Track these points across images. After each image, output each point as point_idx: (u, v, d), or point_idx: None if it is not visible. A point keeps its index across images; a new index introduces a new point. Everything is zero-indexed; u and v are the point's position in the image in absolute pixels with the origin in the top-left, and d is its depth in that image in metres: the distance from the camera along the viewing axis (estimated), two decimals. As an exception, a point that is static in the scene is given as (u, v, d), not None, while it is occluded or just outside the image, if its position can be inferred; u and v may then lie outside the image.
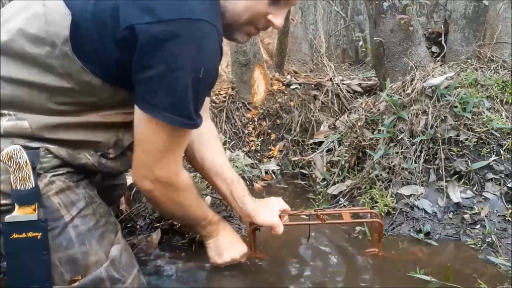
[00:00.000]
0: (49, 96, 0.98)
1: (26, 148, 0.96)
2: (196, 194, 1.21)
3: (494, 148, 1.74)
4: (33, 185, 0.95)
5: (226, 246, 1.29)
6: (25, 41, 0.95)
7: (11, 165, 0.93)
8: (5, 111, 0.96)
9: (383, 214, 1.71)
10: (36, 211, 0.95)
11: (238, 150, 2.61)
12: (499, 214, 1.59)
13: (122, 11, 0.91)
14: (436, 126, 1.81)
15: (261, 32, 1.18)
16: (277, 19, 1.06)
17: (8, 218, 0.94)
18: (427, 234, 1.59)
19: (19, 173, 0.94)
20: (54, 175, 1.00)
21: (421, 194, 1.72)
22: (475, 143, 1.75)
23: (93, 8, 0.94)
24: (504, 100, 1.93)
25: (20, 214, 0.94)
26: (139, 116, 1.00)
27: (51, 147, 1.00)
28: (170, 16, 0.89)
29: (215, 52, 0.98)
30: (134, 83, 0.97)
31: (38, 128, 0.97)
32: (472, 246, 1.49)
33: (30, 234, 0.94)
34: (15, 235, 0.94)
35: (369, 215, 1.58)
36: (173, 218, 1.28)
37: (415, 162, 1.81)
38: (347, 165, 2.12)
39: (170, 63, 0.91)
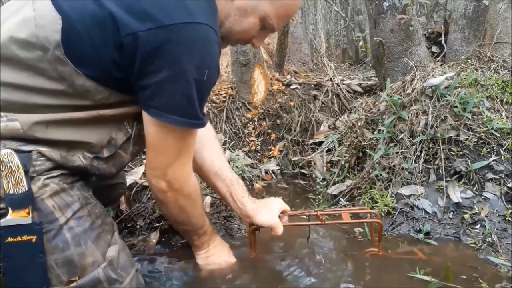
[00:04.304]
0: (41, 99, 0.97)
1: (18, 151, 0.95)
2: (201, 201, 1.25)
3: (494, 148, 1.73)
4: (26, 189, 0.94)
5: (216, 258, 1.34)
6: (15, 46, 0.94)
7: (3, 169, 0.93)
8: None
9: (383, 214, 1.71)
10: (30, 215, 0.95)
11: (238, 150, 2.60)
12: (499, 214, 1.59)
13: (120, 18, 0.91)
14: (436, 126, 1.81)
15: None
16: (259, 41, 1.18)
17: (2, 222, 0.94)
18: (427, 234, 1.59)
19: (11, 177, 0.94)
20: (47, 178, 1.00)
21: (421, 194, 1.72)
22: (475, 143, 1.75)
23: (92, 12, 0.94)
24: (504, 100, 1.93)
25: (14, 217, 0.94)
26: (147, 121, 1.02)
27: (44, 149, 0.99)
28: (170, 21, 0.91)
29: (216, 53, 1.00)
30: (137, 89, 0.99)
31: (29, 128, 0.96)
32: (472, 246, 1.49)
33: (24, 238, 0.94)
34: (10, 239, 0.94)
35: (368, 215, 1.58)
36: (173, 221, 1.30)
37: (415, 162, 1.80)
38: (347, 165, 2.11)
39: (174, 67, 0.93)
